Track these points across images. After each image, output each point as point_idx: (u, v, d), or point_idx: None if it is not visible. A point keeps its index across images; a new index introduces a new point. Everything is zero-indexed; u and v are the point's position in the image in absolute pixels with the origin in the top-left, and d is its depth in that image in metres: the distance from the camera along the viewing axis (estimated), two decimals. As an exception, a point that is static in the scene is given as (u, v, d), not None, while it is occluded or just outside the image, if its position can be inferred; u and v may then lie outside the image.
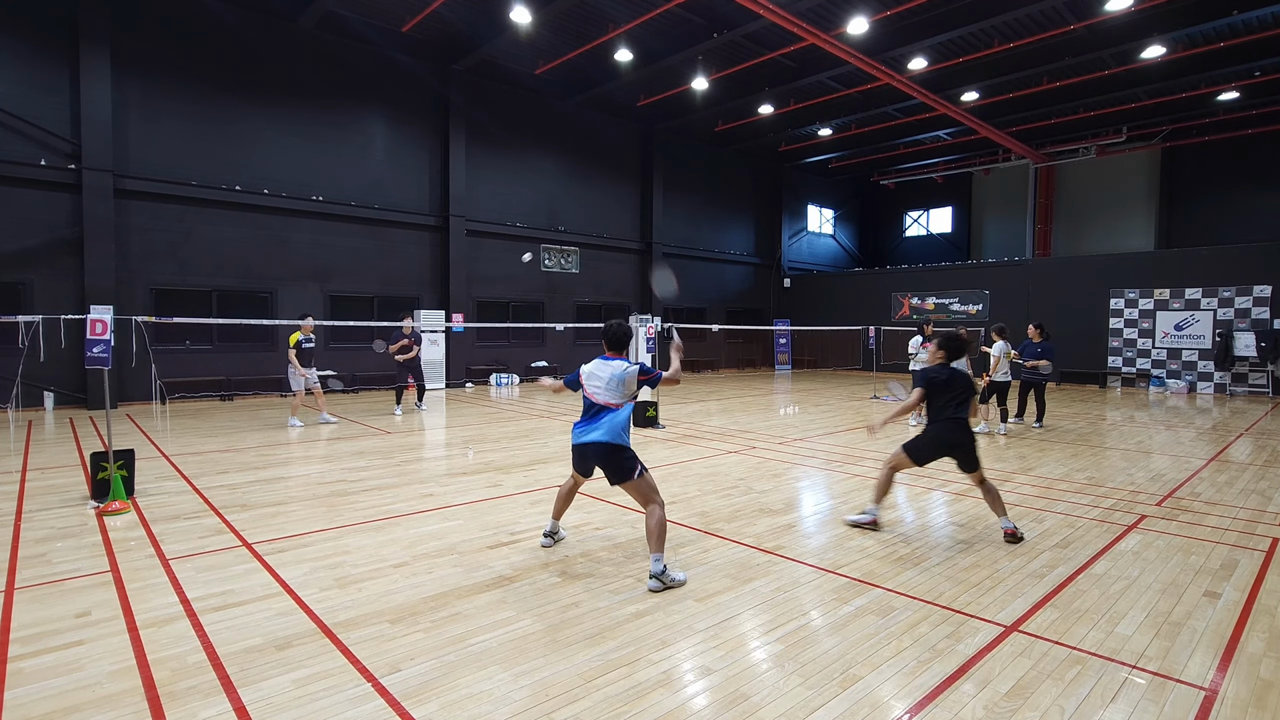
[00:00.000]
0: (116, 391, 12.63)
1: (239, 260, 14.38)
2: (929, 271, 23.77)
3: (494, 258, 18.47)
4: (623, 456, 4.29)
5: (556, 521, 4.91)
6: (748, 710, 2.80)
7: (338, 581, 4.19)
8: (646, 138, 21.94)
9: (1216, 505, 6.17)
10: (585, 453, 4.41)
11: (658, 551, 4.10)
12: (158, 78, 13.28)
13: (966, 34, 14.96)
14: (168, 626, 3.54)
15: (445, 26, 15.56)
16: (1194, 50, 15.53)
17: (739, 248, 25.83)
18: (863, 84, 18.20)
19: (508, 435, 10.01)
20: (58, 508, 5.85)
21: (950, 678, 3.07)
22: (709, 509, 5.94)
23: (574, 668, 3.14)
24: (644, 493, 4.28)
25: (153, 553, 4.70)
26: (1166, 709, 2.83)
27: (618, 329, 4.51)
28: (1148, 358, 18.34)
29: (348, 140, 15.76)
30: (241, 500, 6.14)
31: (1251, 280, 16.78)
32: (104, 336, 6.19)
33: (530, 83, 18.40)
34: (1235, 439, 10.11)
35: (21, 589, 4.05)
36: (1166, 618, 3.73)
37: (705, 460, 8.15)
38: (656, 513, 4.18)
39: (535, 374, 19.18)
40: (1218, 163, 21.42)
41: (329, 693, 2.91)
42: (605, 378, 4.37)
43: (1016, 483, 7.02)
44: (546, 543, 4.88)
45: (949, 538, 5.16)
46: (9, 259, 11.98)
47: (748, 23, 14.32)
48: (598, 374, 4.43)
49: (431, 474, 7.38)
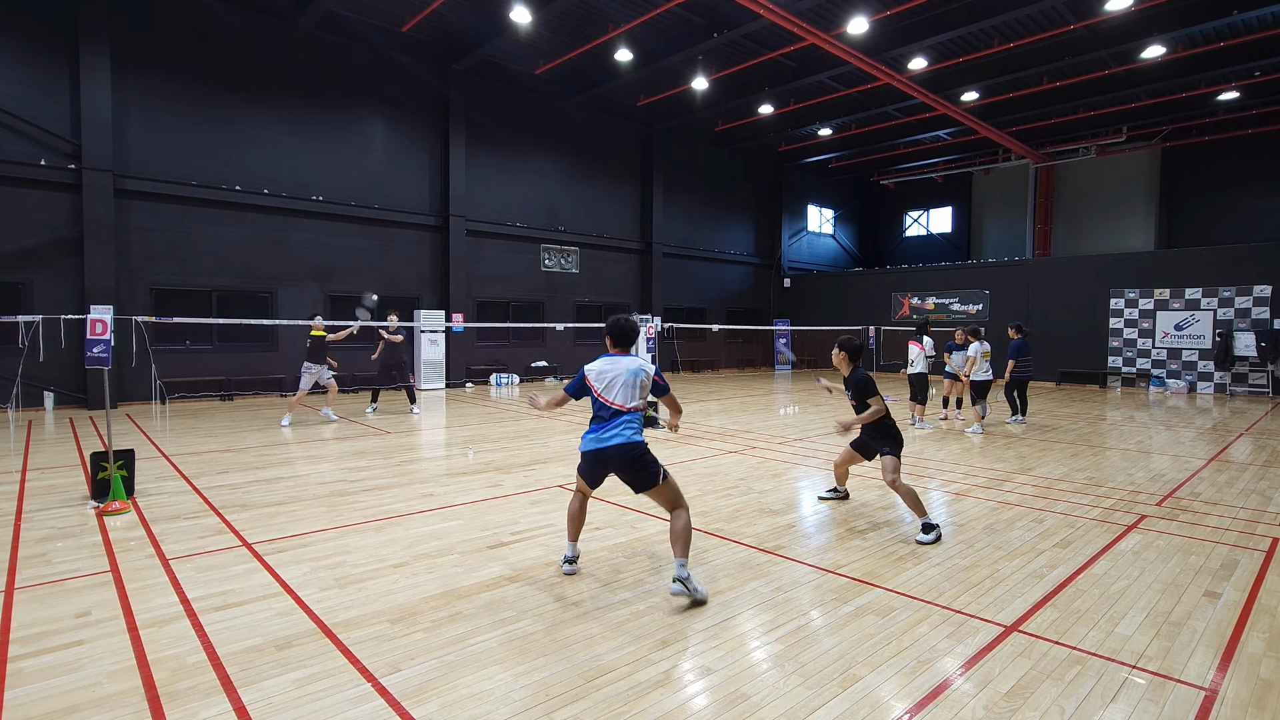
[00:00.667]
0: (116, 391, 12.64)
1: (239, 260, 14.39)
2: (929, 271, 23.77)
3: (494, 257, 18.47)
4: (643, 455, 4.01)
5: (575, 544, 4.40)
6: (748, 710, 2.80)
7: (338, 581, 4.19)
8: (646, 138, 21.94)
9: (1216, 505, 6.17)
10: (605, 457, 4.03)
11: (683, 556, 3.93)
12: (158, 78, 13.28)
13: (966, 34, 14.96)
14: (168, 626, 3.54)
15: (445, 26, 15.56)
16: (1194, 50, 15.53)
17: (739, 248, 25.83)
18: (863, 84, 18.20)
19: (508, 435, 10.01)
20: (58, 508, 5.85)
21: (950, 678, 3.07)
22: (709, 509, 5.94)
23: (574, 668, 3.14)
24: (671, 496, 4.06)
25: (153, 553, 4.70)
26: (1166, 709, 2.83)
27: (625, 323, 4.20)
28: (1148, 358, 18.34)
29: (348, 140, 15.76)
30: (241, 500, 6.14)
31: (1251, 280, 16.79)
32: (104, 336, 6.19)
33: (530, 83, 18.40)
34: (1235, 439, 10.11)
35: (21, 589, 4.05)
36: (1166, 618, 3.73)
37: (705, 460, 8.15)
38: (684, 516, 4.01)
39: (535, 374, 19.20)
40: (1218, 163, 21.42)
41: (329, 693, 2.91)
42: (622, 373, 4.05)
43: (1016, 482, 7.02)
44: (570, 570, 4.33)
45: (949, 538, 5.16)
46: (9, 259, 11.98)
47: (748, 23, 14.32)
48: (610, 371, 4.08)
49: (431, 474, 7.38)
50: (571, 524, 4.38)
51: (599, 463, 4.09)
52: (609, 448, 4.00)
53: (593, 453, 4.08)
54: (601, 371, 4.12)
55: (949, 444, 9.46)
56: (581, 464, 4.23)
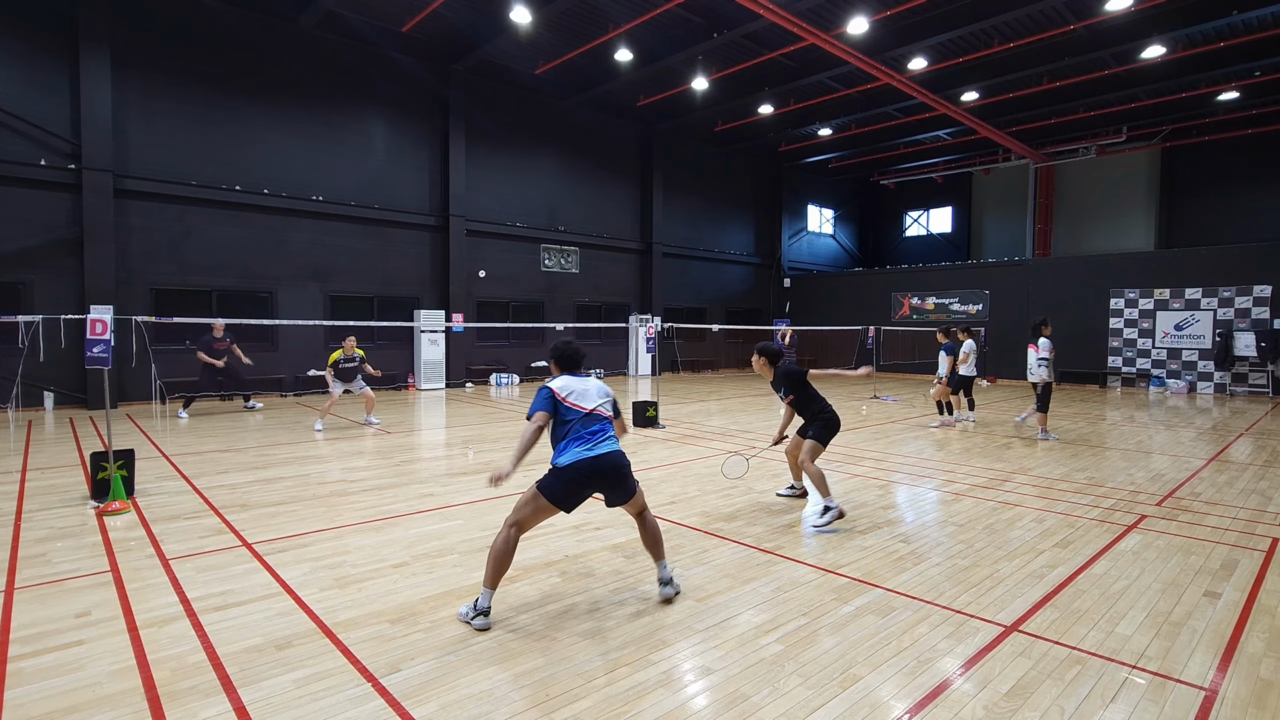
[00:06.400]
0: (116, 391, 12.64)
1: (239, 260, 14.38)
2: (929, 271, 23.77)
3: (494, 257, 18.47)
4: (629, 469, 3.84)
5: (493, 591, 3.59)
6: (748, 710, 2.80)
7: (338, 581, 4.19)
8: (646, 137, 21.95)
9: (1216, 505, 6.17)
10: (600, 467, 3.64)
11: (664, 557, 3.96)
12: (158, 78, 13.28)
13: (966, 34, 14.96)
14: (168, 626, 3.54)
15: (445, 26, 15.55)
16: (1194, 50, 15.52)
17: (739, 248, 25.84)
18: (863, 84, 18.19)
19: (507, 435, 10.00)
20: (58, 508, 5.85)
21: (950, 678, 3.07)
22: (709, 509, 5.94)
23: (574, 668, 3.14)
24: (641, 502, 3.96)
25: (153, 553, 4.70)
26: (1166, 709, 2.83)
27: (573, 350, 4.00)
28: (1148, 358, 18.34)
29: (348, 140, 15.76)
30: (241, 500, 6.14)
31: (1251, 280, 16.78)
32: (104, 336, 6.19)
33: (530, 82, 18.40)
34: (1235, 439, 10.11)
35: (21, 589, 4.04)
36: (1166, 618, 3.73)
37: (705, 460, 8.14)
38: (651, 517, 3.97)
39: (535, 374, 19.19)
40: (1218, 163, 21.42)
41: (329, 693, 2.91)
42: (593, 388, 3.86)
43: (1016, 482, 7.02)
44: (483, 624, 3.52)
45: (949, 538, 5.16)
46: (9, 259, 11.98)
47: (748, 23, 14.32)
48: (578, 388, 3.81)
49: (431, 474, 7.38)
50: (497, 565, 3.55)
51: (592, 474, 3.63)
52: (604, 455, 3.65)
53: (585, 463, 3.60)
54: (568, 386, 3.79)
55: (949, 444, 9.46)
56: (556, 484, 3.61)
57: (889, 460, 8.25)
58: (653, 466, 7.63)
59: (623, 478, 3.80)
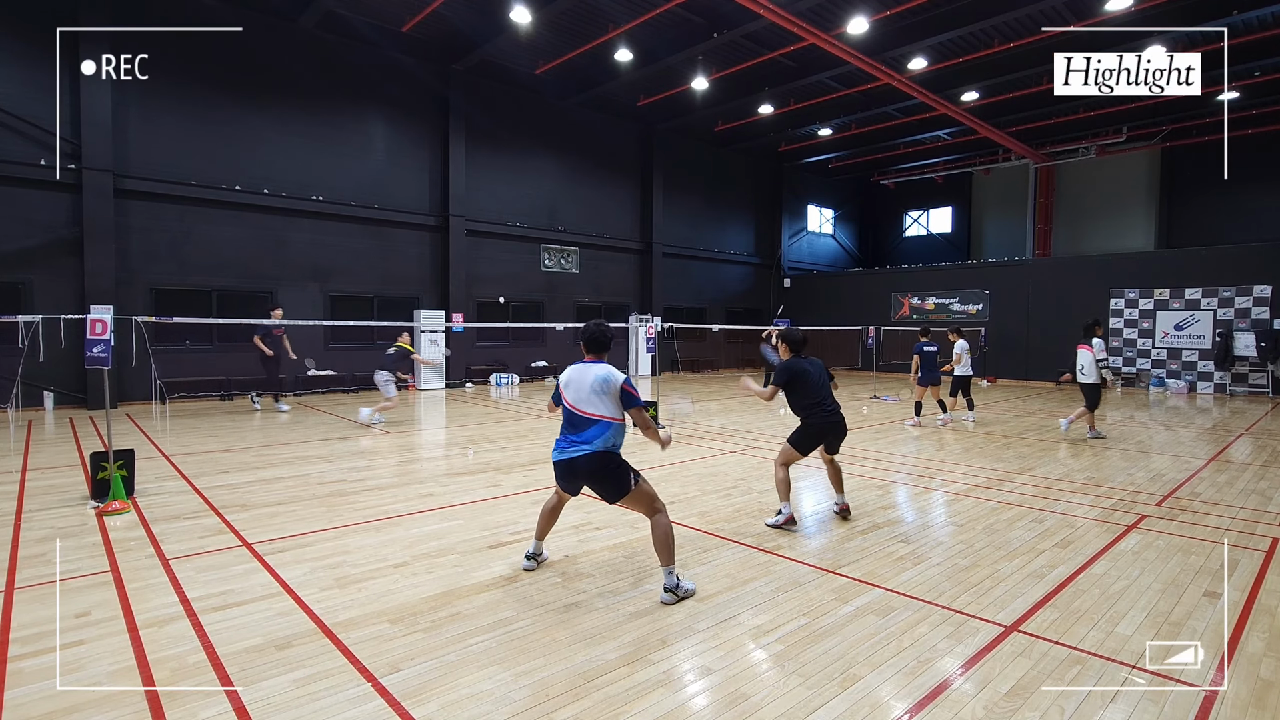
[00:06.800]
0: (116, 391, 12.62)
1: (239, 260, 14.38)
2: (929, 271, 23.77)
3: (494, 258, 18.47)
4: (612, 466, 3.90)
5: (540, 542, 4.44)
6: (748, 710, 2.80)
7: (338, 581, 4.19)
8: (646, 138, 21.94)
9: (1216, 505, 6.17)
10: (573, 468, 3.94)
11: (669, 564, 3.89)
12: (158, 78, 13.26)
13: (966, 34, 14.96)
14: (168, 626, 3.54)
15: (445, 26, 15.55)
16: (1194, 50, 15.50)
17: (739, 248, 25.83)
18: (863, 84, 18.19)
19: (507, 435, 10.00)
20: (58, 508, 5.85)
21: (950, 678, 3.07)
22: (709, 509, 5.94)
23: (574, 668, 3.14)
24: (645, 502, 3.95)
25: (153, 553, 4.70)
26: (1166, 709, 2.83)
27: (596, 330, 4.16)
28: (1148, 358, 18.34)
29: (348, 140, 15.75)
30: (241, 500, 6.14)
31: (1251, 280, 16.78)
32: (104, 336, 6.18)
33: (530, 83, 18.39)
34: (1235, 439, 10.11)
35: (21, 589, 4.04)
36: (1166, 618, 3.73)
37: (705, 460, 8.15)
38: (662, 522, 3.92)
39: (535, 374, 19.19)
40: (1218, 163, 21.40)
41: (329, 693, 2.91)
42: (586, 383, 3.94)
43: (1016, 482, 7.02)
44: (529, 565, 4.38)
45: (949, 537, 5.16)
46: (9, 259, 11.98)
47: (748, 23, 14.32)
48: (576, 380, 3.99)
49: (431, 474, 7.38)
50: (542, 520, 4.40)
51: (569, 473, 4.00)
52: (579, 457, 3.90)
53: (562, 463, 3.99)
54: (570, 379, 4.04)
55: (949, 444, 9.46)
56: (556, 473, 4.12)
57: (889, 460, 8.25)
58: (652, 467, 7.63)
59: (603, 476, 3.90)
